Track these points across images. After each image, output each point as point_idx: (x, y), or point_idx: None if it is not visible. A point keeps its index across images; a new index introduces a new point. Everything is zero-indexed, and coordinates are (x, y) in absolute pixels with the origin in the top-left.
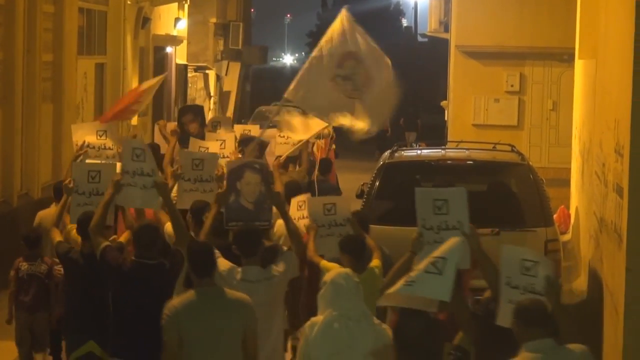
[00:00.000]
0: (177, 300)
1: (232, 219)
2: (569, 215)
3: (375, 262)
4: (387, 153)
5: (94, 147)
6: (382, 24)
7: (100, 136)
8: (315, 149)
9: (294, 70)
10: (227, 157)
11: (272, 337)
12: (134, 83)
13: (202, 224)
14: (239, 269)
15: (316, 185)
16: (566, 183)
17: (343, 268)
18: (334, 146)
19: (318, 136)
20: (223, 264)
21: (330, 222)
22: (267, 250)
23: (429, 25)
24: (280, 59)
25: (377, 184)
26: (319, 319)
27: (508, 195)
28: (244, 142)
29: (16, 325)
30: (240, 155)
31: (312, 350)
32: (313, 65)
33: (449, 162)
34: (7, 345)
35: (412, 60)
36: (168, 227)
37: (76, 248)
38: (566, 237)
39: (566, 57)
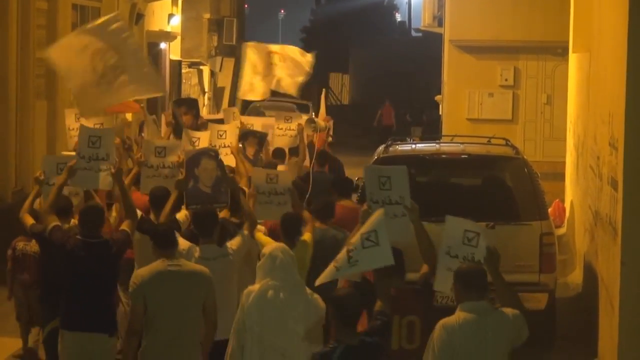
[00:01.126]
0: (144, 270)
1: (191, 202)
2: (563, 209)
3: (306, 236)
4: (381, 147)
5: (73, 129)
6: (376, 19)
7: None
8: (315, 140)
9: None
10: (228, 146)
11: (230, 309)
12: None
13: (160, 208)
14: (197, 247)
15: (311, 177)
16: (561, 177)
17: (276, 242)
18: (330, 139)
19: (317, 129)
20: (183, 243)
21: (271, 190)
22: (222, 230)
23: (422, 20)
24: None
25: None
26: (255, 287)
27: (503, 189)
28: (243, 136)
29: (15, 301)
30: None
31: (247, 318)
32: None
33: (443, 156)
34: (6, 341)
35: (406, 55)
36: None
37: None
38: (561, 231)
39: (560, 51)
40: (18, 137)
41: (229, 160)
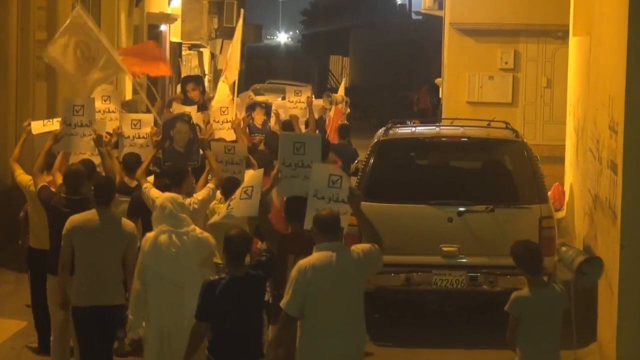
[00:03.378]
0: (76, 217)
1: (167, 160)
2: (563, 193)
3: (211, 184)
4: (381, 130)
5: (99, 111)
6: (377, 2)
7: (105, 101)
8: (331, 113)
9: (288, 49)
10: (229, 122)
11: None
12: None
13: (132, 171)
14: (189, 200)
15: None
16: (560, 160)
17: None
18: (348, 110)
19: (334, 102)
20: (157, 194)
21: (228, 160)
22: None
23: (423, 3)
24: (275, 37)
25: (372, 161)
26: (152, 233)
27: (502, 172)
28: (250, 107)
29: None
30: (250, 121)
31: (146, 259)
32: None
33: (443, 139)
34: (6, 323)
35: (406, 38)
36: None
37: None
38: (560, 214)
39: (560, 34)
40: (18, 118)
41: (230, 134)
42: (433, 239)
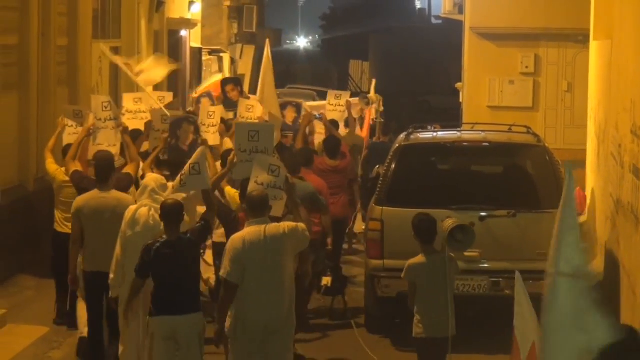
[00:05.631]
0: (81, 198)
1: (172, 155)
2: (584, 197)
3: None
4: (402, 135)
5: (130, 111)
6: (396, 6)
7: (136, 102)
8: (367, 112)
9: (307, 53)
10: (257, 120)
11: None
12: None
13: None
14: (170, 184)
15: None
16: (582, 164)
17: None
18: (382, 108)
19: (370, 102)
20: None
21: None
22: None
23: (443, 7)
24: (294, 42)
25: (393, 166)
26: (134, 206)
27: (524, 177)
28: (282, 106)
29: None
30: (282, 119)
31: (126, 229)
32: None
33: (465, 144)
34: (28, 329)
35: (426, 43)
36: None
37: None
38: (582, 219)
39: (581, 38)
40: (39, 124)
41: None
42: None
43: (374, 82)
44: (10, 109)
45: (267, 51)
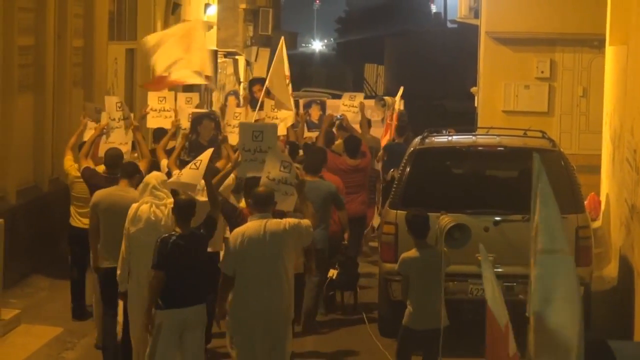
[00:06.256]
0: (99, 192)
1: (192, 151)
2: (599, 202)
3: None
4: (417, 139)
5: (155, 110)
6: (412, 10)
7: (161, 101)
8: (386, 116)
9: (323, 56)
10: (283, 120)
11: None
12: None
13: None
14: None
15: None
16: (597, 170)
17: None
18: (401, 107)
19: (386, 104)
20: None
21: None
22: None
23: (458, 11)
24: (310, 45)
25: (408, 170)
26: (136, 204)
27: None
28: (307, 104)
29: None
30: (307, 117)
31: (129, 225)
32: None
33: (479, 148)
34: (42, 329)
35: (441, 47)
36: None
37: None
38: (597, 224)
39: (597, 44)
40: (55, 125)
41: (281, 129)
42: (469, 248)
43: (401, 89)
44: (25, 110)
45: (281, 44)
